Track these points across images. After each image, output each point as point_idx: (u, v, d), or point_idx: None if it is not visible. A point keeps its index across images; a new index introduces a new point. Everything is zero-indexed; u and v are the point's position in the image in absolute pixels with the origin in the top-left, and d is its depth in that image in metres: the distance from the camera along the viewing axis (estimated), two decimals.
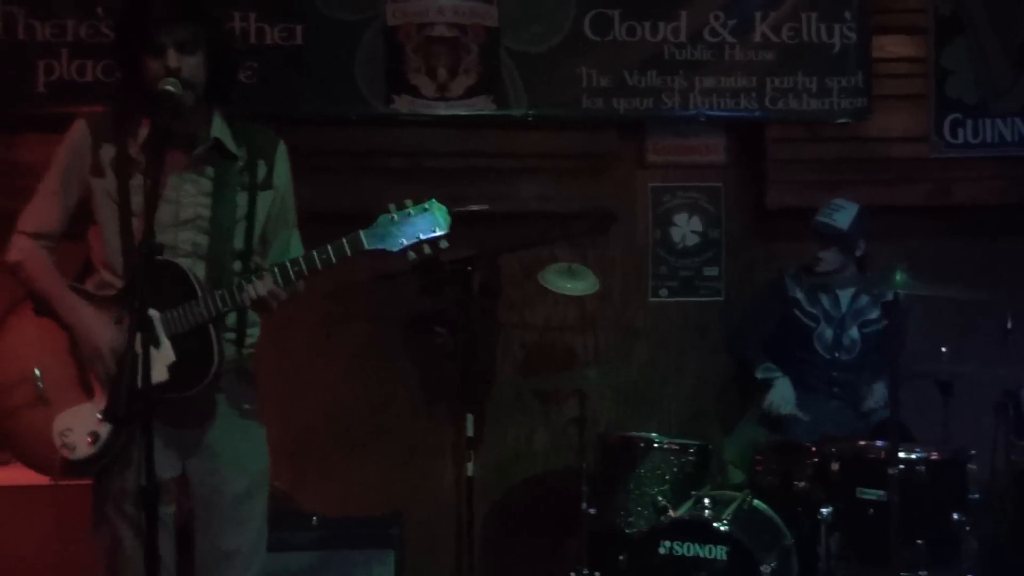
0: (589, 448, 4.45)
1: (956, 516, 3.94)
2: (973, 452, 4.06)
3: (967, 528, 3.94)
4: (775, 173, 5.08)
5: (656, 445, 4.33)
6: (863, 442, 4.20)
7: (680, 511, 4.03)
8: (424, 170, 4.88)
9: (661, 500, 4.15)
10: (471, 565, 4.78)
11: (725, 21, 4.92)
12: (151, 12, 2.87)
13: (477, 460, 4.76)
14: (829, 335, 4.65)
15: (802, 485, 4.13)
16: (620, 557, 4.03)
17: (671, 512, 4.01)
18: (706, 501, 3.99)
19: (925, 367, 4.31)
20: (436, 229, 2.86)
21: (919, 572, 3.88)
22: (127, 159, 2.95)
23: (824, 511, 3.96)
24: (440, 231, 2.87)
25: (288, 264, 2.89)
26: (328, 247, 2.87)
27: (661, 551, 3.89)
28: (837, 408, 4.62)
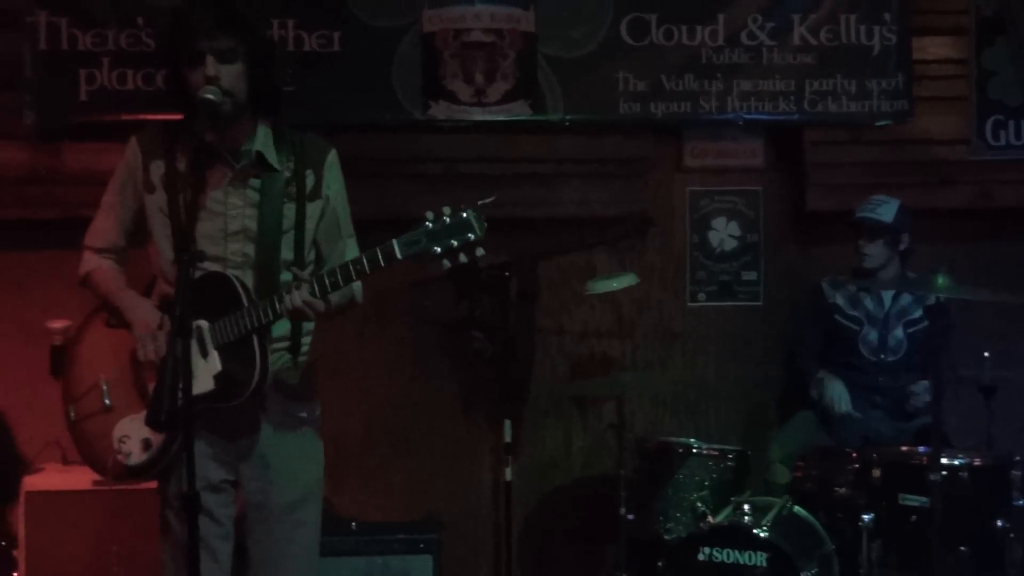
0: (627, 454, 4.44)
1: (999, 523, 3.90)
2: (1017, 458, 4.00)
3: (1011, 535, 3.89)
4: (814, 176, 5.04)
5: (695, 451, 4.31)
6: (905, 448, 4.16)
7: (719, 517, 4.01)
8: (461, 176, 4.89)
9: (700, 506, 4.13)
10: (509, 571, 4.78)
11: (763, 24, 4.90)
12: (191, 22, 2.90)
13: (515, 465, 4.76)
14: (874, 337, 4.61)
15: (843, 491, 4.10)
16: (659, 563, 4.01)
17: (710, 518, 4.00)
18: (746, 507, 3.96)
19: (968, 372, 4.26)
20: (470, 236, 2.81)
21: None
22: (176, 174, 2.99)
23: (865, 517, 3.93)
24: (475, 237, 2.82)
25: (324, 275, 2.89)
26: (362, 257, 2.85)
27: (700, 557, 3.87)
28: (879, 416, 4.57)
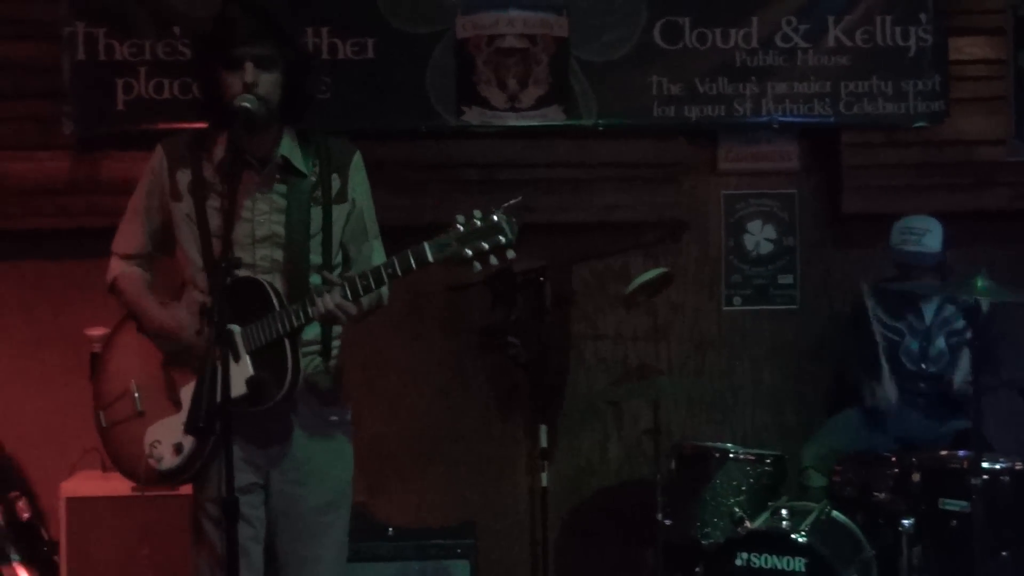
0: (664, 459, 4.42)
1: None
2: None
3: None
4: (850, 179, 5.01)
5: (732, 455, 4.29)
6: (945, 452, 4.12)
7: (757, 522, 3.99)
8: (495, 181, 4.89)
9: (737, 511, 4.10)
10: None
11: (797, 26, 4.87)
12: (232, 27, 2.93)
13: (551, 471, 4.75)
14: (915, 348, 4.57)
15: (882, 496, 4.07)
16: (696, 569, 4.00)
17: (748, 523, 3.97)
18: (783, 512, 3.94)
19: (1009, 375, 4.22)
20: (501, 239, 2.81)
21: None
22: (203, 182, 3.01)
23: (905, 522, 3.90)
24: (505, 240, 2.82)
25: (356, 277, 2.90)
26: (394, 260, 2.86)
27: (738, 563, 3.85)
28: (918, 419, 4.53)
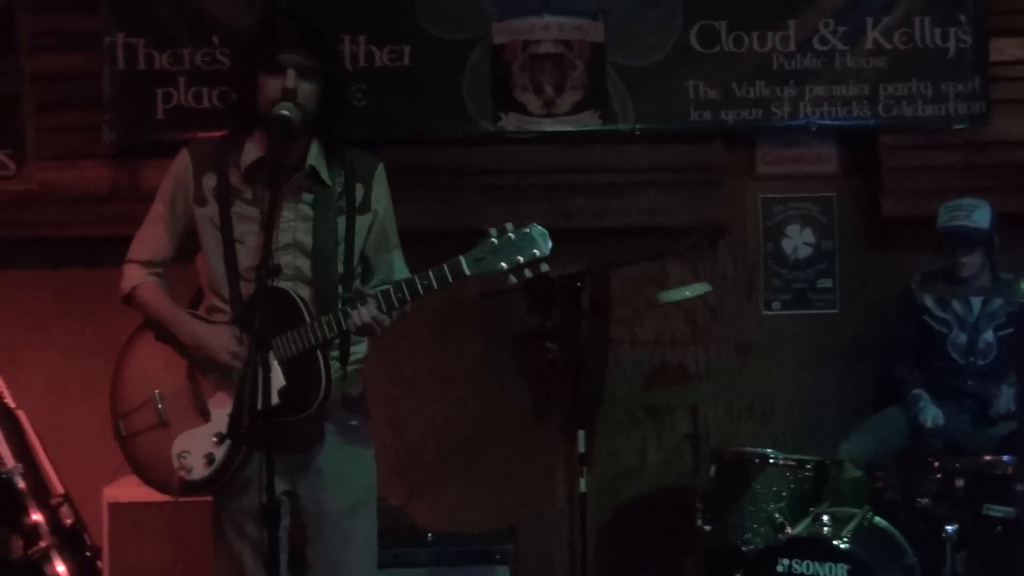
0: (703, 464, 4.40)
1: None
2: None
3: None
4: (890, 182, 4.96)
5: (772, 461, 4.26)
6: (989, 457, 4.07)
7: (798, 528, 3.95)
8: (532, 187, 4.89)
9: (778, 517, 4.07)
10: None
11: (835, 28, 4.84)
12: (278, 33, 2.94)
13: (589, 476, 4.74)
14: (963, 340, 4.52)
15: (925, 502, 4.01)
16: (736, 575, 3.97)
17: (789, 529, 3.94)
18: (825, 518, 3.91)
19: None
20: (536, 252, 2.83)
21: None
22: (228, 187, 3.02)
23: (949, 528, 3.85)
24: (540, 254, 2.84)
25: (391, 290, 2.91)
26: (429, 273, 2.88)
27: (779, 569, 3.81)
28: (965, 422, 4.48)
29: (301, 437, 3.04)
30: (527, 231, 2.84)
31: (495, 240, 2.84)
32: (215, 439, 2.98)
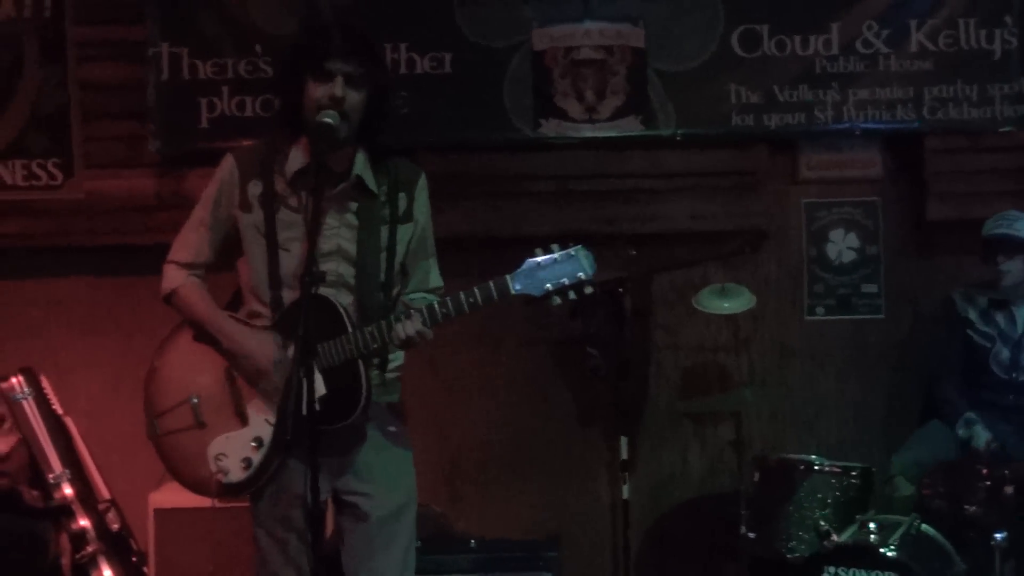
0: (747, 471, 4.37)
1: None
2: None
3: None
4: (935, 185, 4.92)
5: (816, 467, 4.22)
6: None
7: (844, 536, 3.91)
8: (573, 193, 4.89)
9: (823, 524, 4.03)
10: None
11: (879, 31, 4.81)
12: (328, 40, 2.96)
13: (632, 483, 4.72)
14: (1006, 356, 4.46)
15: (973, 509, 3.96)
16: None
17: (834, 537, 3.89)
18: (871, 525, 3.86)
19: None
20: (581, 274, 2.86)
21: None
22: (273, 194, 3.04)
23: (998, 536, 3.79)
24: (585, 276, 2.87)
25: (436, 306, 2.93)
26: (475, 291, 2.91)
27: None
28: (1009, 433, 4.41)
29: (341, 441, 3.05)
30: (572, 254, 2.87)
31: (540, 260, 2.88)
32: (253, 443, 3.00)
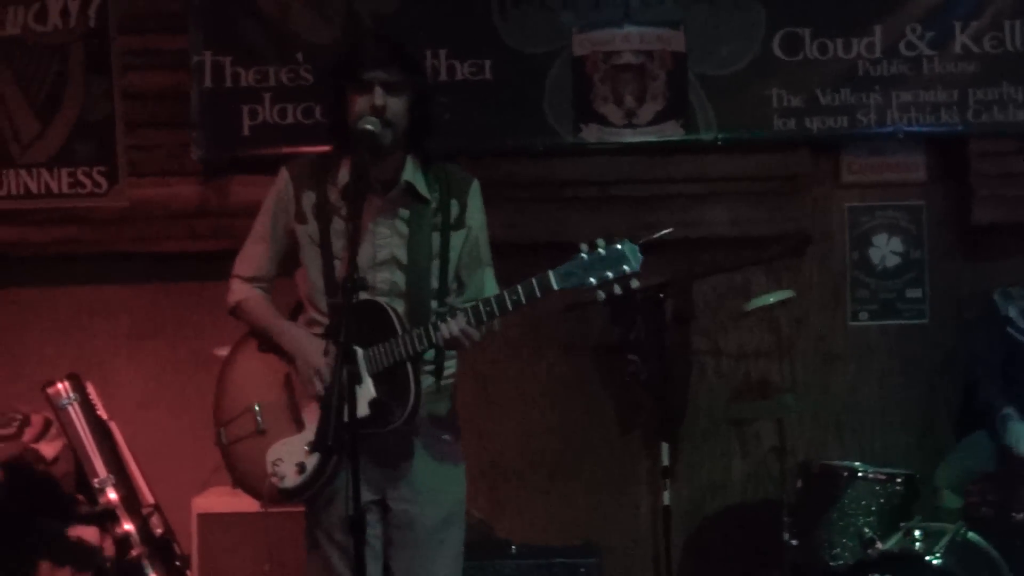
0: (789, 478, 4.34)
1: None
2: None
3: None
4: (980, 189, 4.86)
5: (860, 474, 4.17)
6: None
7: (889, 543, 3.87)
8: (613, 198, 4.88)
9: (868, 532, 3.99)
10: None
11: (922, 33, 4.76)
12: (363, 51, 2.99)
13: (673, 490, 4.70)
14: None
15: (1021, 516, 3.91)
16: None
17: (879, 544, 3.86)
18: (916, 533, 3.82)
19: None
20: (626, 268, 2.84)
21: None
22: (327, 205, 3.07)
23: None
24: (630, 270, 2.85)
25: (480, 304, 2.93)
26: (518, 288, 2.90)
27: None
28: None
29: (393, 448, 3.07)
30: (618, 246, 2.85)
31: (585, 256, 2.86)
32: (307, 448, 3.02)
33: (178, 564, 4.52)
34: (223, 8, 4.84)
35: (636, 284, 2.85)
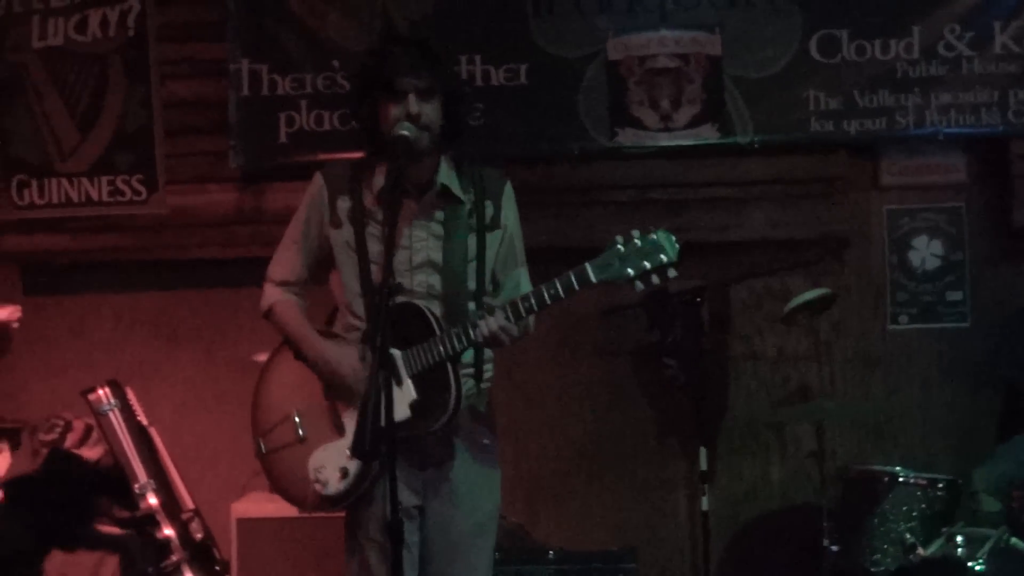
0: (829, 483, 4.30)
1: None
2: None
3: None
4: (1022, 190, 4.80)
5: (901, 479, 4.14)
6: None
7: (930, 549, 3.83)
8: (650, 202, 4.87)
9: (909, 537, 3.95)
10: None
11: (961, 34, 4.72)
12: (395, 59, 2.99)
13: (712, 494, 4.68)
14: None
15: None
16: None
17: (920, 550, 3.82)
18: (959, 539, 3.78)
19: None
20: (663, 258, 2.80)
21: None
22: (362, 210, 3.06)
23: None
24: (667, 260, 2.81)
25: (518, 300, 2.92)
26: (556, 282, 2.87)
27: None
28: None
29: (433, 453, 3.06)
30: (654, 237, 2.81)
31: (621, 247, 2.82)
32: (348, 453, 3.02)
33: (217, 569, 4.54)
34: (260, 17, 4.88)
35: (674, 274, 2.81)
